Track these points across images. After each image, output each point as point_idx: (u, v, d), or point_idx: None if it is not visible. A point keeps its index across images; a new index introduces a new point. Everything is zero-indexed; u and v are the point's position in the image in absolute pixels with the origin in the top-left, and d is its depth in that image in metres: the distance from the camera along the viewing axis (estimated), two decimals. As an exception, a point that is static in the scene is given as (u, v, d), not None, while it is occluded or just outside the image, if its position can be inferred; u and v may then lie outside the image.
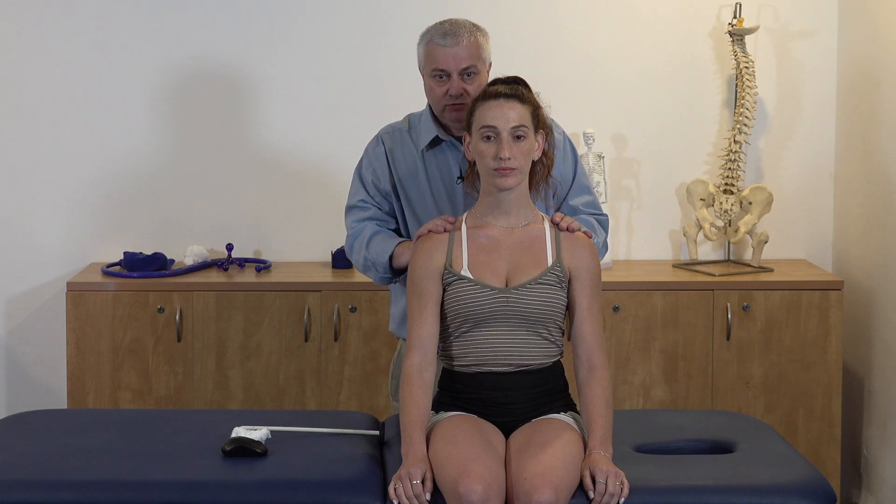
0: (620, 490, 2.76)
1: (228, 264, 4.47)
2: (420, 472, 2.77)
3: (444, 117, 3.22)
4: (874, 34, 4.29)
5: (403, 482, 2.76)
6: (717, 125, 4.63)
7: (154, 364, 4.27)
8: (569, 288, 2.99)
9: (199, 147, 4.60)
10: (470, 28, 3.20)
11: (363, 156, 3.34)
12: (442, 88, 3.18)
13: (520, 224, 3.00)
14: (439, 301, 2.97)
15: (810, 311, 4.26)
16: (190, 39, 4.56)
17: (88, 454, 2.97)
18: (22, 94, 4.56)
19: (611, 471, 2.78)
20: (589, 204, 3.32)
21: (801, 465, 2.96)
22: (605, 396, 2.93)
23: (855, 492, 4.45)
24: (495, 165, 2.92)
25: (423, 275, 2.98)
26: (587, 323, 2.98)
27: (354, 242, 3.27)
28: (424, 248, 3.01)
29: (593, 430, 2.88)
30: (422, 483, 2.76)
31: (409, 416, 2.88)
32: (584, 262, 2.99)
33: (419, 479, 2.76)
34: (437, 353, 2.97)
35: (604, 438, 2.86)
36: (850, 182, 4.51)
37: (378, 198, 3.29)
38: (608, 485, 2.75)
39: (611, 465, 2.80)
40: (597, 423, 2.89)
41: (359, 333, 4.27)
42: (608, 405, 2.92)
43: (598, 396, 2.92)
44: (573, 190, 3.30)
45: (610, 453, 2.84)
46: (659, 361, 4.27)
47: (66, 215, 4.59)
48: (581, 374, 2.97)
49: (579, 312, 2.98)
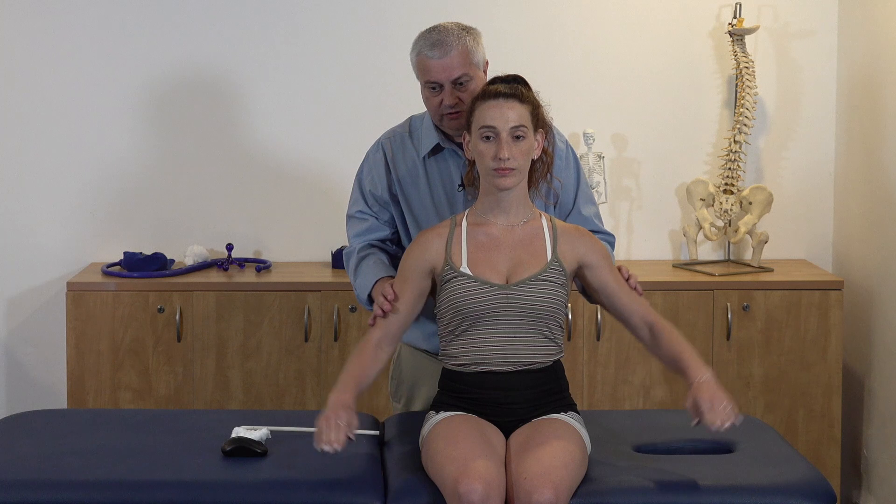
0: (732, 413, 2.79)
1: (228, 264, 4.47)
2: (345, 416, 2.80)
3: (443, 126, 3.21)
4: (874, 34, 4.29)
5: (329, 420, 2.79)
6: (717, 125, 4.63)
7: (154, 364, 4.27)
8: (585, 279, 3.02)
9: (199, 147, 4.60)
10: (458, 34, 3.14)
11: (363, 162, 3.33)
12: (437, 99, 3.16)
13: (519, 222, 3.01)
14: (421, 295, 3.00)
15: (810, 311, 4.26)
16: (191, 40, 4.56)
17: (88, 454, 2.97)
18: (22, 93, 4.56)
19: (717, 394, 2.81)
20: (596, 216, 3.32)
21: (801, 465, 2.96)
22: (677, 334, 2.99)
23: (855, 492, 4.45)
24: (494, 166, 2.92)
25: (412, 265, 3.01)
26: (623, 295, 3.02)
27: (348, 263, 3.27)
28: (421, 241, 3.03)
29: (684, 361, 2.92)
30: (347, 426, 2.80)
31: (348, 372, 2.93)
32: (588, 249, 3.02)
33: (343, 422, 2.79)
34: (399, 339, 3.04)
35: (698, 364, 2.90)
36: (850, 182, 4.51)
37: (376, 207, 3.28)
38: (719, 411, 2.78)
39: (717, 388, 2.83)
40: (683, 355, 2.93)
41: (359, 333, 4.27)
42: (684, 340, 2.97)
43: (671, 338, 2.98)
44: (580, 200, 3.29)
45: (710, 374, 2.87)
46: (659, 361, 4.26)
47: (66, 215, 4.59)
48: (645, 338, 3.02)
49: (610, 290, 3.01)
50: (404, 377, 3.37)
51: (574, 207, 3.28)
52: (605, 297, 3.04)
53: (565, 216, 3.26)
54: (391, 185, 3.27)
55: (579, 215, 3.27)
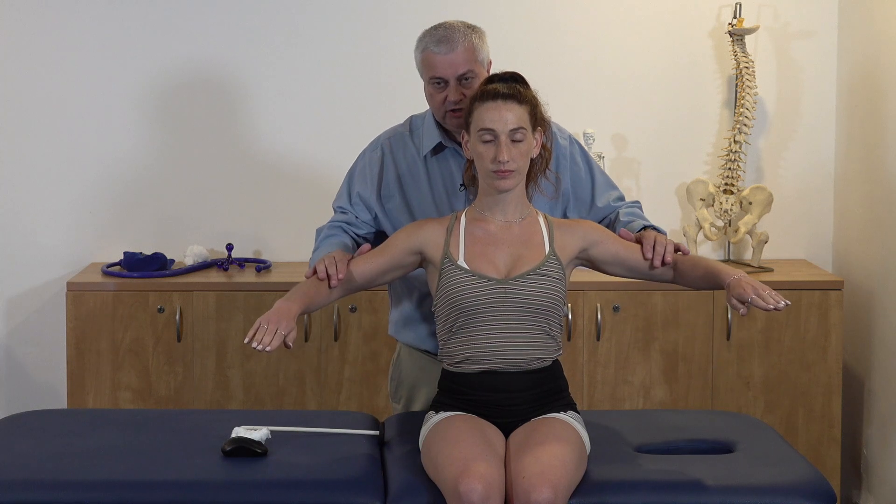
0: (779, 296, 2.82)
1: (228, 264, 4.47)
2: (286, 325, 2.82)
3: (446, 123, 3.20)
4: (874, 34, 4.29)
5: (270, 323, 2.82)
6: (717, 125, 4.63)
7: (154, 364, 4.27)
8: (597, 258, 3.05)
9: (199, 147, 4.60)
10: (464, 31, 3.15)
11: (358, 159, 3.32)
12: (441, 95, 3.16)
13: (516, 219, 3.01)
14: (395, 267, 3.03)
15: (810, 311, 4.26)
16: (192, 40, 4.56)
17: (88, 454, 2.97)
18: (22, 93, 4.56)
19: (757, 283, 2.84)
20: (620, 199, 3.32)
21: (801, 465, 2.96)
22: (695, 256, 3.08)
23: (855, 492, 4.45)
24: (494, 168, 2.93)
25: (402, 238, 3.04)
26: (635, 252, 3.05)
27: (316, 238, 3.25)
28: (420, 222, 3.07)
29: (712, 271, 2.95)
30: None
31: (301, 289, 2.95)
32: (586, 230, 3.05)
33: (284, 330, 2.82)
34: (350, 292, 3.06)
35: (727, 268, 2.93)
36: (851, 182, 4.51)
37: (359, 207, 3.27)
38: (766, 296, 2.81)
39: (754, 280, 2.85)
40: (709, 267, 2.97)
41: (359, 333, 4.27)
42: (703, 257, 3.02)
43: (693, 261, 3.03)
44: (598, 190, 3.29)
45: (743, 273, 2.90)
46: (659, 361, 4.27)
47: (66, 215, 4.59)
48: (669, 277, 3.06)
49: (623, 257, 3.05)
50: (404, 378, 3.37)
51: (593, 200, 3.28)
52: (621, 265, 3.07)
53: (587, 212, 3.26)
54: (380, 187, 3.26)
55: (601, 206, 3.27)
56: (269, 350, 2.80)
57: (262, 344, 2.80)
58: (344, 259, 3.04)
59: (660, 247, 3.05)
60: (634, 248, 3.07)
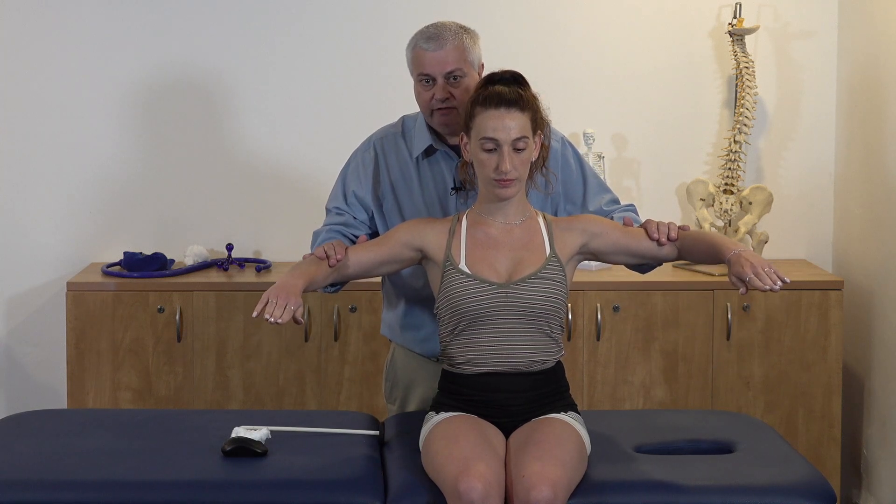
0: (778, 275, 2.80)
1: (228, 264, 4.47)
2: (294, 302, 2.83)
3: (432, 121, 3.19)
4: (874, 34, 4.29)
5: (279, 298, 2.83)
6: (717, 125, 4.63)
7: (154, 364, 4.27)
8: (600, 249, 3.03)
9: (199, 147, 4.60)
10: (455, 31, 3.14)
11: (350, 159, 3.30)
12: (428, 93, 3.14)
13: (517, 221, 3.01)
14: (392, 260, 3.03)
15: (810, 311, 4.26)
16: (192, 40, 4.56)
17: (88, 454, 2.97)
18: (22, 93, 4.56)
19: (757, 259, 2.82)
20: (613, 202, 3.29)
21: (801, 465, 2.96)
22: (697, 231, 3.06)
23: (855, 492, 4.45)
24: (496, 177, 2.92)
25: (402, 231, 3.03)
26: (642, 240, 3.04)
27: (314, 241, 3.25)
28: (424, 219, 3.07)
29: (714, 245, 2.94)
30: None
31: (304, 267, 2.97)
32: (585, 223, 3.04)
33: (293, 306, 2.83)
34: (345, 279, 3.05)
35: (728, 241, 2.92)
36: (851, 182, 4.51)
37: (355, 207, 3.25)
38: (763, 275, 2.79)
39: (754, 255, 2.84)
40: (711, 242, 2.96)
41: (359, 333, 4.27)
42: (705, 231, 3.00)
43: (695, 236, 3.02)
44: (590, 193, 3.27)
45: (744, 246, 2.89)
46: (659, 361, 4.27)
47: (66, 215, 4.59)
48: (674, 255, 3.04)
49: (625, 243, 3.03)
50: (399, 379, 3.37)
51: (584, 203, 3.26)
52: (624, 252, 3.05)
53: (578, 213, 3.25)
54: (376, 186, 3.25)
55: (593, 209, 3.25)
56: (281, 322, 2.81)
57: (274, 317, 2.81)
58: (342, 245, 3.05)
59: (663, 226, 3.05)
60: (636, 232, 3.05)
